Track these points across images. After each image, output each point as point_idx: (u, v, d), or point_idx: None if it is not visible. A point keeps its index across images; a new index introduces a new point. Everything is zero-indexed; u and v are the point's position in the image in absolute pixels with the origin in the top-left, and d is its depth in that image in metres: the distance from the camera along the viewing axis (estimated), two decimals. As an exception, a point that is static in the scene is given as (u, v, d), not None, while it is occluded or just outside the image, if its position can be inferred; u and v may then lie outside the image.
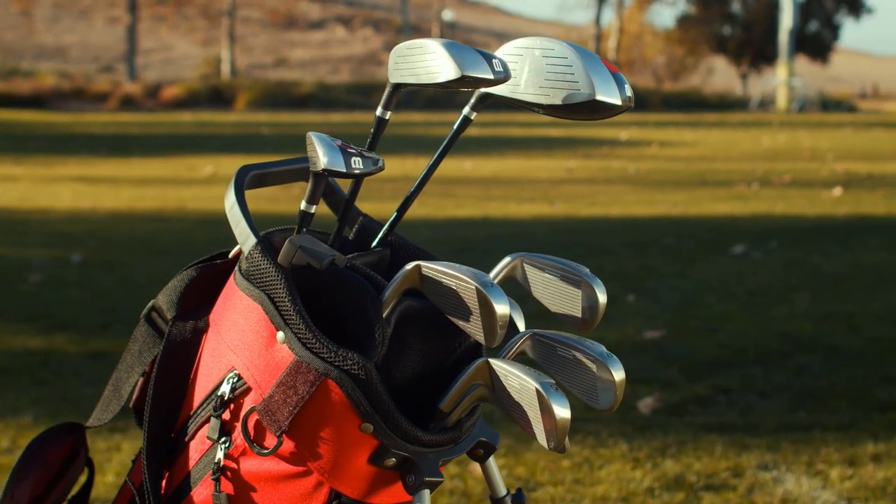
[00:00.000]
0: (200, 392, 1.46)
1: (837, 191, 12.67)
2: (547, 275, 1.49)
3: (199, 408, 1.46)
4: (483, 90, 1.43)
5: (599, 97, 1.30)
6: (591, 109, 1.32)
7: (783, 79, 51.40)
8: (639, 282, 6.88)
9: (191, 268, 1.57)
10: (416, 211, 10.41)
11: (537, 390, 1.26)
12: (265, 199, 11.82)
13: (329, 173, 1.32)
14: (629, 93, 1.33)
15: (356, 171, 1.33)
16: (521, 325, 1.48)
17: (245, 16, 72.07)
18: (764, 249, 8.31)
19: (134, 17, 52.25)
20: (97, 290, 6.67)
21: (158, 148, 20.34)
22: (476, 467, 3.53)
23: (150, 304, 1.57)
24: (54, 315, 5.88)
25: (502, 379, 1.32)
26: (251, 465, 1.38)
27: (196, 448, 1.45)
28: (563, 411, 1.27)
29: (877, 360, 5.00)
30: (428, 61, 1.33)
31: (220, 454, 1.39)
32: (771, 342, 5.35)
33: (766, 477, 3.58)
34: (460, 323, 1.33)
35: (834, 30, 66.53)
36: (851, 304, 6.27)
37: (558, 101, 1.34)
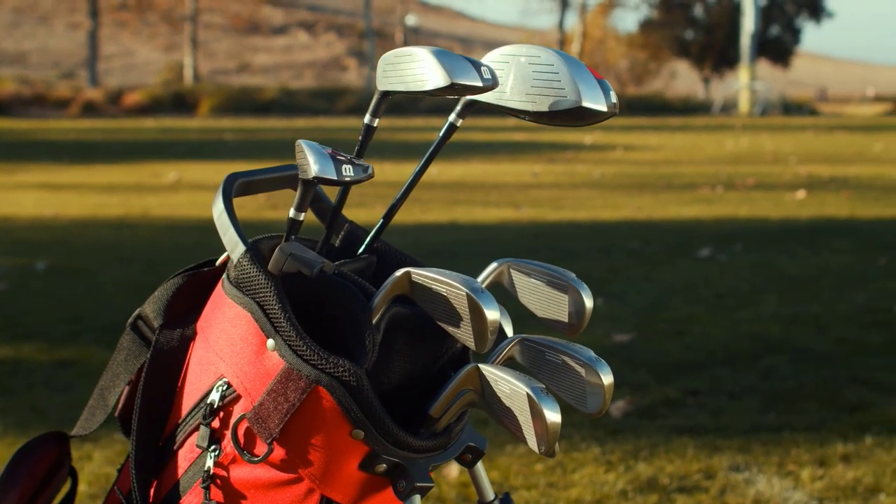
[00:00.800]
0: (188, 400, 1.46)
1: (801, 193, 12.77)
2: (533, 280, 1.49)
3: (187, 416, 1.46)
4: (469, 97, 1.44)
5: (586, 104, 1.32)
6: (578, 116, 1.33)
7: (745, 83, 51.76)
8: (606, 285, 6.90)
9: (178, 276, 1.56)
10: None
11: (528, 395, 1.27)
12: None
13: (320, 181, 1.32)
14: (614, 99, 1.34)
15: (346, 179, 1.33)
16: (509, 331, 1.48)
17: (207, 21, 71.82)
18: (730, 252, 8.37)
19: (95, 23, 51.98)
20: (63, 298, 6.62)
21: (122, 154, 20.23)
22: (451, 472, 3.54)
23: (136, 312, 1.57)
24: (21, 324, 5.83)
25: (492, 384, 1.32)
26: (241, 473, 1.38)
27: (185, 456, 1.45)
28: (553, 415, 1.27)
29: (845, 361, 5.04)
30: (417, 69, 1.33)
31: (209, 462, 1.39)
32: (739, 344, 5.38)
33: (737, 478, 3.61)
34: (450, 329, 1.33)
35: (795, 34, 67.08)
36: (818, 305, 6.32)
37: (545, 108, 1.35)
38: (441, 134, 1.46)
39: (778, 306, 6.30)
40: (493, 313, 1.28)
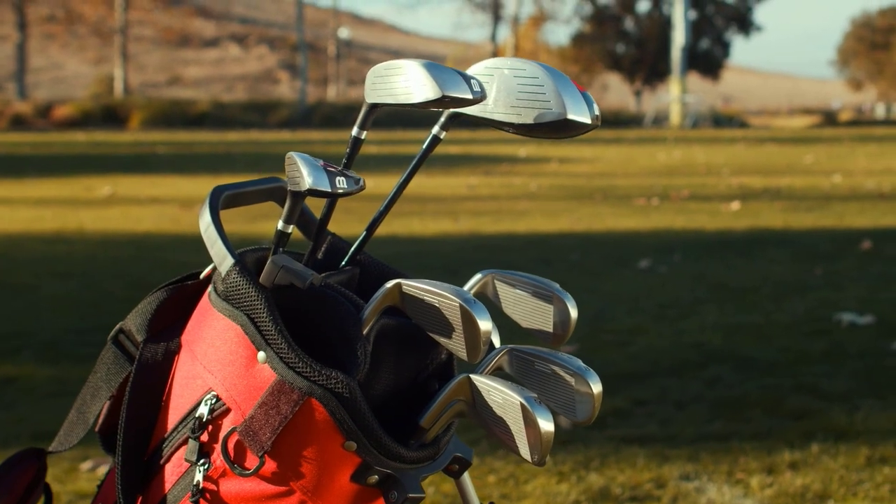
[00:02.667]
0: (174, 414, 1.44)
1: (735, 205, 12.94)
2: (518, 291, 1.50)
3: (173, 430, 1.44)
4: (453, 109, 1.44)
5: (571, 116, 1.33)
6: (562, 128, 1.34)
7: (676, 95, 52.37)
8: (549, 297, 6.92)
9: (161, 289, 1.55)
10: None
11: (522, 404, 1.27)
12: (168, 218, 11.70)
13: (313, 193, 1.32)
14: (597, 112, 1.35)
15: (340, 191, 1.33)
16: (496, 341, 1.49)
17: (138, 34, 71.22)
18: (669, 263, 8.45)
19: (23, 35, 51.38)
20: (2, 314, 6.53)
21: (53, 168, 20.01)
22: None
23: (117, 326, 1.55)
24: (-41, 340, 5.74)
25: (484, 394, 1.32)
26: (231, 487, 1.37)
27: (172, 471, 1.43)
28: (547, 424, 1.28)
29: (788, 369, 5.11)
30: (407, 81, 1.33)
31: (199, 476, 1.37)
32: (683, 354, 5.43)
33: (688, 487, 3.64)
34: (442, 340, 1.33)
35: (724, 47, 68.04)
36: (759, 315, 6.41)
37: (530, 121, 1.36)
38: (424, 146, 1.47)
39: (719, 316, 6.37)
40: (486, 324, 1.29)
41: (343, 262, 1.55)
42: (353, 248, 1.55)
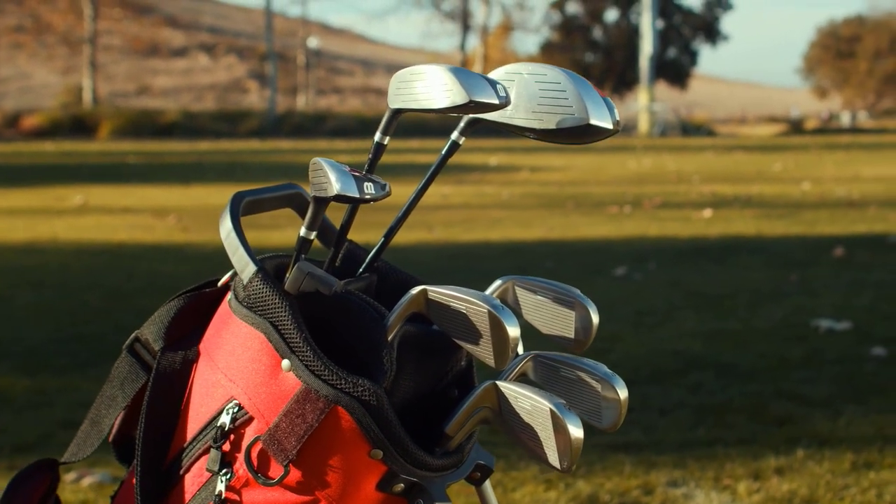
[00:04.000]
0: (194, 424, 1.43)
1: (707, 212, 12.99)
2: (539, 297, 1.50)
3: (193, 440, 1.42)
4: (473, 115, 1.44)
5: (593, 121, 1.32)
6: (584, 133, 1.34)
7: (644, 104, 52.61)
8: (528, 305, 6.93)
9: (178, 297, 1.53)
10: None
11: (552, 410, 1.27)
12: (142, 228, 11.64)
13: (341, 199, 1.31)
14: (618, 117, 1.35)
15: (367, 196, 1.32)
16: (519, 348, 1.49)
17: (106, 43, 70.91)
18: (644, 270, 8.47)
19: (-10, 45, 51.01)
20: (-23, 324, 6.47)
21: (23, 178, 19.89)
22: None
23: (133, 335, 1.53)
24: (-65, 352, 5.69)
25: (511, 401, 1.32)
26: (255, 496, 1.36)
27: (193, 481, 1.42)
28: (577, 430, 1.28)
29: (768, 375, 5.13)
30: (433, 87, 1.33)
31: (221, 486, 1.36)
32: (664, 361, 5.44)
33: (676, 493, 3.64)
34: (468, 346, 1.33)
35: (692, 56, 68.44)
36: (736, 321, 6.43)
37: (552, 126, 1.35)
38: (443, 152, 1.46)
39: (697, 323, 6.39)
40: (514, 330, 1.29)
41: (360, 269, 1.54)
42: (370, 255, 1.54)
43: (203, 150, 33.80)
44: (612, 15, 72.07)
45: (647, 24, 55.98)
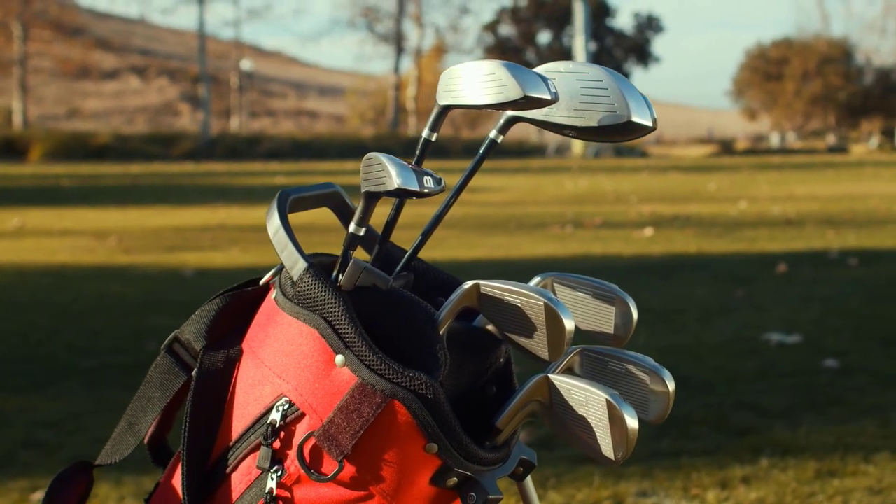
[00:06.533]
0: (240, 422, 1.42)
1: (649, 231, 13.12)
2: (579, 293, 1.51)
3: (240, 438, 1.41)
4: (511, 113, 1.45)
5: (635, 119, 1.34)
6: (626, 131, 1.36)
7: (578, 125, 52.93)
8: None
9: (219, 296, 1.52)
10: (241, 260, 10.29)
11: (608, 401, 1.28)
12: (83, 249, 11.50)
13: (401, 193, 1.32)
14: (655, 115, 1.37)
15: (426, 191, 1.33)
16: (563, 342, 1.50)
17: (36, 65, 70.10)
18: (593, 288, 8.52)
19: (-83, 67, 50.25)
20: (-76, 347, 6.36)
21: (-44, 201, 19.57)
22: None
23: (171, 335, 1.52)
24: None
25: (564, 394, 1.33)
26: (307, 493, 1.35)
27: (240, 479, 1.41)
28: (633, 421, 1.29)
29: (726, 387, 5.19)
30: (484, 82, 1.34)
31: (272, 483, 1.35)
32: (622, 375, 5.48)
33: (647, 503, 3.67)
34: (521, 339, 1.34)
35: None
36: (688, 336, 6.50)
37: (594, 123, 1.37)
38: (482, 150, 1.47)
39: (650, 338, 6.44)
40: (570, 323, 1.30)
41: (398, 268, 1.55)
42: (408, 253, 1.55)
43: (137, 172, 33.53)
44: (544, 37, 72.73)
45: (580, 47, 56.52)
